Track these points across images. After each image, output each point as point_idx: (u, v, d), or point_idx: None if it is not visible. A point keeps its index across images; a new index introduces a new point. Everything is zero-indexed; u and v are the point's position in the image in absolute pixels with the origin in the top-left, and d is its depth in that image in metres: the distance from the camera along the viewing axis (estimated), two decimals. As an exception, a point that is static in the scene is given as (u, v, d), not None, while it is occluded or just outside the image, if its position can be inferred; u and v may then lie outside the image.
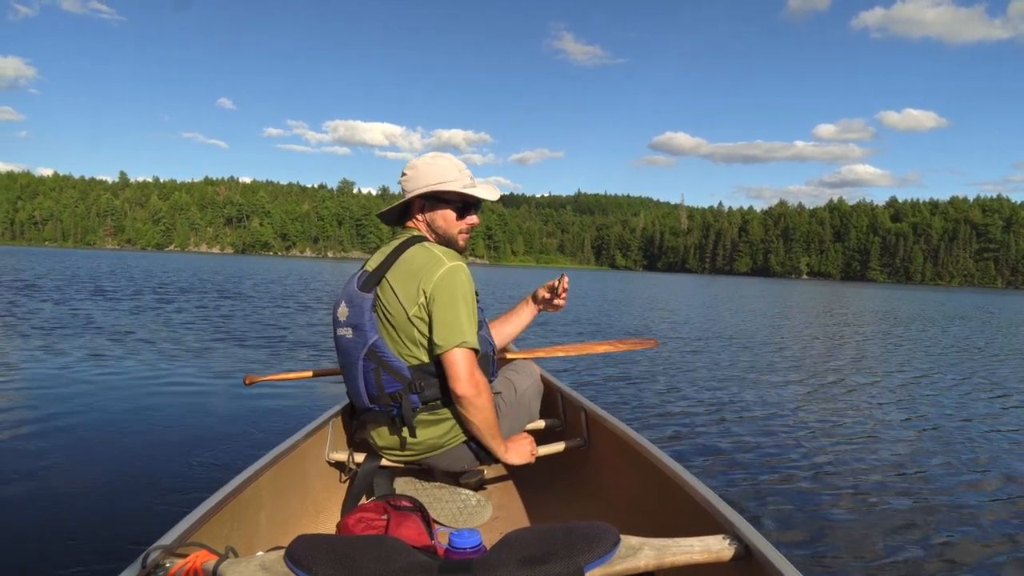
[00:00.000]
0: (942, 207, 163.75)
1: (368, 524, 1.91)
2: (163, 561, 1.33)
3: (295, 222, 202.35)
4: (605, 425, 2.42)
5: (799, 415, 5.85)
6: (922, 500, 3.76)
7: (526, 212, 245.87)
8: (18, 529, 2.93)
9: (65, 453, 3.99)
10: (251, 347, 8.73)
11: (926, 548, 3.10)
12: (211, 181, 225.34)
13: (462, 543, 1.32)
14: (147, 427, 4.65)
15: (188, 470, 3.74)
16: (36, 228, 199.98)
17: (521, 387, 2.39)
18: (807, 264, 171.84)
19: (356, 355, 2.12)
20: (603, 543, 1.30)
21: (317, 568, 1.21)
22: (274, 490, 1.98)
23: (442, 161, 2.24)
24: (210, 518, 1.56)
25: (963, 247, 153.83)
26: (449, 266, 2.05)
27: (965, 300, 45.61)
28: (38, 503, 3.21)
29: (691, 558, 1.42)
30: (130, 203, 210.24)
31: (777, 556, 1.35)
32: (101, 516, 3.07)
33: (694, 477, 1.79)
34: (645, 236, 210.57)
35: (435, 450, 2.21)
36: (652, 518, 1.98)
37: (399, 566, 1.22)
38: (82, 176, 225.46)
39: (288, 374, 2.95)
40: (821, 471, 4.20)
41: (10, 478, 3.52)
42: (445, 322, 2.00)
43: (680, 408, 5.89)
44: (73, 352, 7.56)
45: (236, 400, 5.59)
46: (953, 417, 6.12)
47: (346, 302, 2.16)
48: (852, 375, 8.47)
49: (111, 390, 5.78)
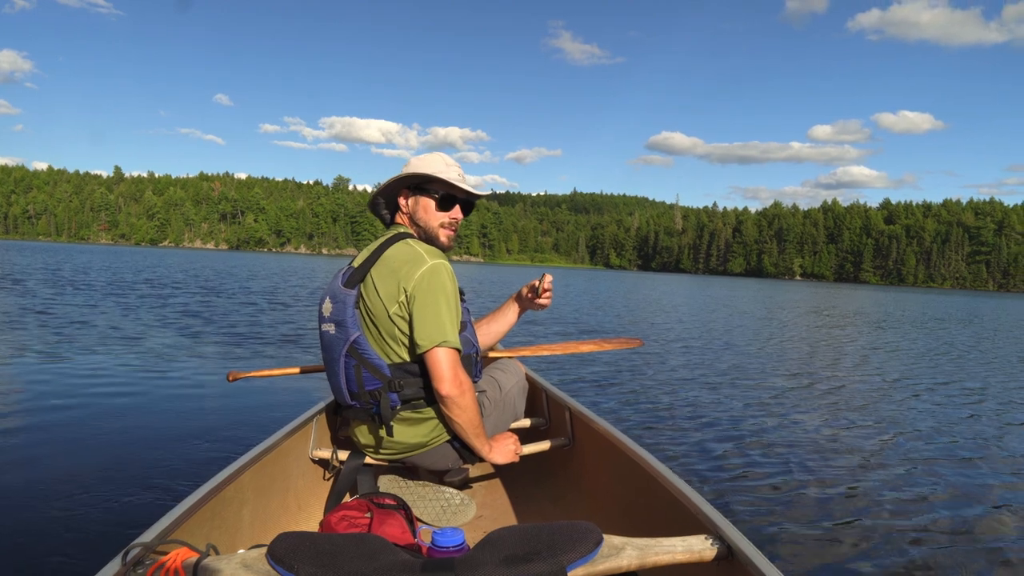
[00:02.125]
0: (935, 209, 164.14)
1: (351, 522, 1.90)
2: (143, 558, 1.33)
3: (290, 218, 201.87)
4: (589, 424, 2.42)
5: (782, 416, 5.86)
6: (905, 500, 3.77)
7: (521, 211, 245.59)
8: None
9: (44, 449, 3.94)
10: (235, 343, 8.69)
11: (909, 549, 3.11)
12: (206, 177, 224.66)
13: (445, 542, 1.32)
14: (128, 423, 4.61)
15: (169, 467, 3.71)
16: (30, 222, 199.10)
17: (506, 386, 2.39)
18: (800, 265, 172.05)
19: (338, 351, 2.12)
20: (586, 542, 1.31)
21: (299, 566, 1.20)
22: (256, 487, 1.97)
23: (435, 157, 2.25)
24: (191, 515, 1.55)
25: (955, 250, 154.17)
26: (431, 264, 2.04)
27: (956, 303, 45.76)
28: (17, 500, 3.18)
29: (673, 558, 1.42)
30: (124, 198, 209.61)
31: (759, 556, 1.36)
32: (81, 513, 3.04)
33: (677, 477, 1.79)
34: (639, 236, 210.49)
35: (418, 449, 2.21)
36: (635, 517, 1.98)
37: (382, 564, 1.22)
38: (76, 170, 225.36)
39: (272, 370, 2.94)
40: (803, 472, 4.22)
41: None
42: (426, 321, 1.99)
43: (664, 408, 5.89)
44: (53, 348, 7.48)
45: (219, 396, 5.54)
46: (938, 417, 6.15)
47: (331, 298, 2.15)
48: (836, 376, 8.50)
49: (91, 386, 5.71)
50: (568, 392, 2.77)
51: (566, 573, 1.24)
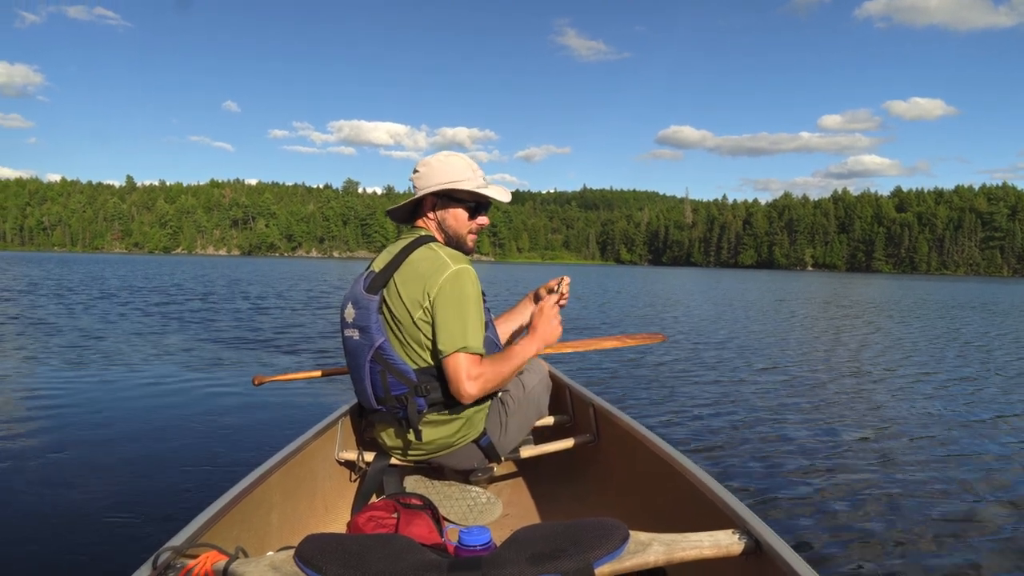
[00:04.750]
0: (947, 196, 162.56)
1: (378, 523, 1.90)
2: (174, 562, 1.34)
3: (300, 223, 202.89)
4: (614, 420, 2.42)
5: (810, 408, 5.82)
6: (940, 496, 3.70)
7: (531, 209, 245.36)
8: (30, 531, 2.95)
9: (75, 456, 4.02)
10: (259, 348, 8.78)
11: (941, 545, 3.06)
12: (217, 183, 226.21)
13: (472, 541, 1.32)
14: (156, 429, 4.68)
15: (198, 471, 3.76)
16: (45, 234, 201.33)
17: (529, 384, 2.37)
18: (812, 256, 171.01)
19: (363, 357, 2.11)
20: (612, 539, 1.30)
21: (327, 567, 1.20)
22: (284, 490, 1.98)
23: (456, 160, 2.21)
24: (220, 518, 1.56)
25: (968, 236, 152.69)
26: (455, 269, 2.03)
27: (972, 289, 45.30)
28: (49, 505, 3.23)
29: (701, 553, 1.41)
30: (137, 207, 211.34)
31: (788, 551, 1.35)
32: (112, 518, 3.09)
33: (703, 472, 1.79)
34: (650, 231, 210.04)
35: (444, 449, 2.21)
36: (661, 513, 1.98)
37: (409, 564, 1.22)
38: (89, 181, 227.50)
39: (297, 374, 2.95)
40: (833, 465, 4.18)
41: (23, 481, 3.55)
42: (447, 326, 1.99)
43: (689, 402, 5.87)
44: (82, 356, 7.60)
45: (245, 401, 5.61)
46: (974, 409, 6.06)
47: (352, 303, 2.14)
48: (865, 367, 8.42)
49: (120, 392, 5.82)
50: (591, 389, 2.76)
51: (593, 570, 1.23)
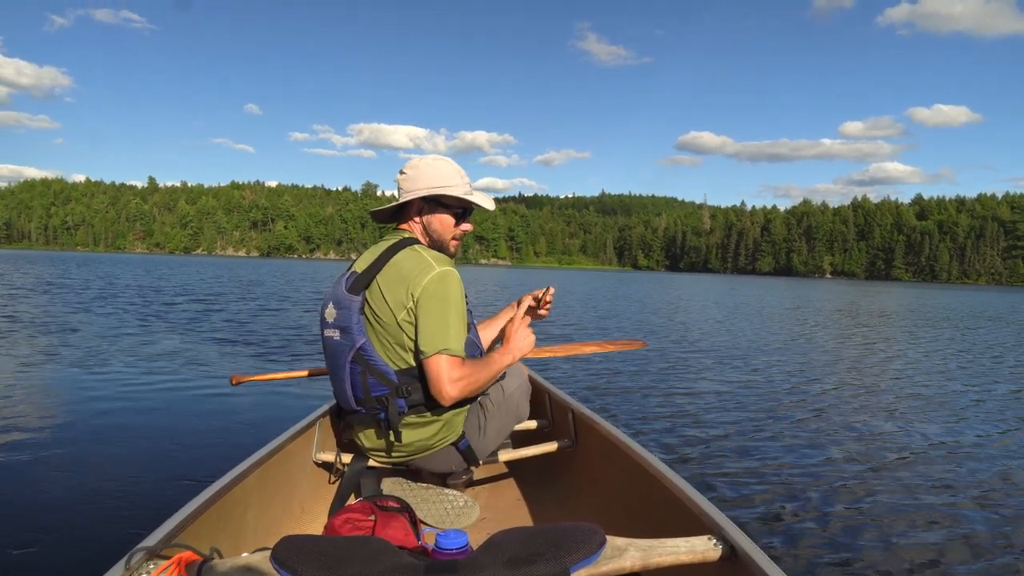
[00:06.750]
0: (969, 204, 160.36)
1: (355, 525, 1.91)
2: (147, 562, 1.33)
3: (319, 225, 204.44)
4: (592, 426, 2.42)
5: (786, 417, 5.74)
6: (911, 502, 3.69)
7: (548, 213, 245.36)
8: (0, 531, 2.89)
9: (48, 454, 3.95)
10: (243, 348, 8.70)
11: (913, 550, 3.05)
12: (237, 185, 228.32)
13: (448, 544, 1.32)
14: (132, 427, 4.62)
15: (173, 471, 3.70)
16: (69, 233, 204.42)
17: (509, 388, 2.37)
18: (830, 263, 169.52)
19: (343, 358, 2.11)
20: (589, 544, 1.30)
21: (303, 569, 1.19)
22: (260, 491, 1.98)
23: (444, 165, 2.21)
24: (195, 519, 1.56)
25: (990, 245, 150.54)
26: (439, 271, 2.04)
27: (991, 299, 44.56)
28: (20, 505, 3.18)
29: (677, 559, 1.43)
30: (159, 208, 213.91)
31: (762, 557, 1.36)
32: (84, 517, 3.04)
33: (680, 478, 1.79)
34: (667, 236, 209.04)
35: (423, 452, 2.22)
36: (638, 518, 1.98)
37: (385, 567, 1.22)
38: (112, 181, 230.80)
39: (275, 374, 2.96)
40: (810, 473, 4.15)
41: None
42: (430, 328, 2.00)
43: (667, 409, 5.81)
44: (55, 355, 7.52)
45: (222, 400, 5.56)
46: (946, 415, 6.03)
47: (334, 303, 2.14)
48: (852, 378, 8.27)
49: (95, 390, 5.75)
50: (571, 394, 2.76)
51: (569, 574, 1.23)
